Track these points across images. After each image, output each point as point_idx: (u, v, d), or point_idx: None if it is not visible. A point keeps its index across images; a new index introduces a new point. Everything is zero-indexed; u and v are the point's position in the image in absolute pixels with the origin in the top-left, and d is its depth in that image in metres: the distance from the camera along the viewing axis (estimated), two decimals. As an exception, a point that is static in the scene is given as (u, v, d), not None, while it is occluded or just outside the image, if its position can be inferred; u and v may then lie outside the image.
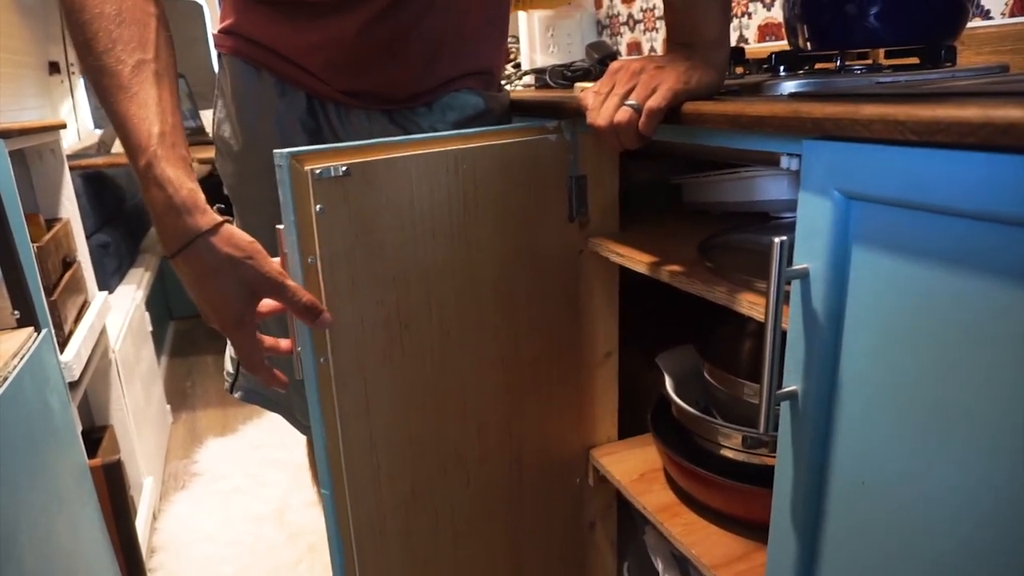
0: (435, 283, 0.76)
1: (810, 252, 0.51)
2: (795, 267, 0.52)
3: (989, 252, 0.40)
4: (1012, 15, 0.82)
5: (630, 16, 1.58)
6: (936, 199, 0.42)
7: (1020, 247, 0.38)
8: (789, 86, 0.64)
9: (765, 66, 0.78)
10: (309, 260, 0.66)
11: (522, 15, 1.63)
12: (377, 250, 0.71)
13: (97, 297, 1.44)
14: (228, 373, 0.97)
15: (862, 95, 0.53)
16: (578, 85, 0.96)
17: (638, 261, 0.78)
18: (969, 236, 0.41)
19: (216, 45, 0.83)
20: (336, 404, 0.71)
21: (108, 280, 1.78)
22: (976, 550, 0.44)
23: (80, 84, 3.00)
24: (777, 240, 0.50)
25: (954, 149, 0.40)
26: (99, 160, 1.94)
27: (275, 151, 0.63)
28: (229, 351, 0.96)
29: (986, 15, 0.85)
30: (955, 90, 0.48)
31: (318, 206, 0.65)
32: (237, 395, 0.97)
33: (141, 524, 1.39)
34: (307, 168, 0.64)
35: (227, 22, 0.81)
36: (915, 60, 0.75)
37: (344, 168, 0.66)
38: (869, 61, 0.81)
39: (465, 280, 0.78)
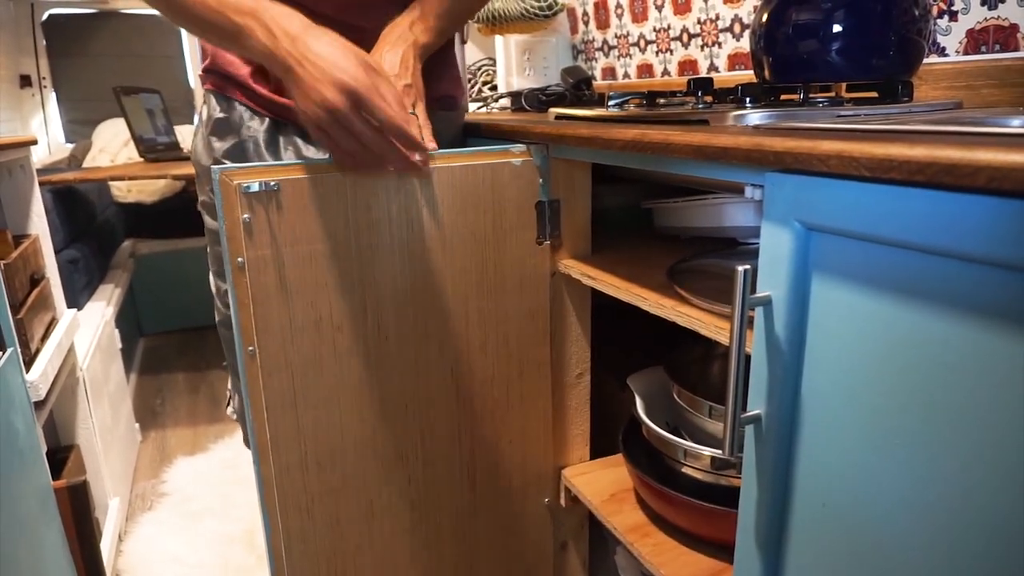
0: (371, 293, 0.81)
1: (772, 280, 0.53)
2: (758, 295, 0.54)
3: (937, 284, 0.42)
4: (966, 53, 0.86)
5: (604, 42, 1.61)
6: (888, 232, 0.44)
7: (963, 280, 0.40)
8: (754, 118, 0.66)
9: (731, 96, 0.80)
10: (239, 261, 0.74)
11: (499, 39, 1.66)
12: (307, 258, 0.77)
13: (65, 315, 1.42)
14: (230, 390, 1.03)
15: (822, 129, 0.55)
16: (552, 110, 0.98)
17: (609, 284, 0.80)
18: (918, 268, 0.43)
19: (202, 83, 0.92)
20: (263, 392, 0.79)
21: (77, 296, 1.75)
22: (935, 571, 0.46)
23: (52, 97, 2.97)
24: (741, 268, 0.52)
25: (904, 186, 0.42)
26: (70, 175, 1.92)
27: (212, 167, 0.72)
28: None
29: (942, 52, 0.89)
30: (909, 128, 0.51)
31: (245, 215, 0.73)
32: (234, 416, 1.02)
33: (106, 546, 1.36)
34: (235, 182, 0.73)
35: (207, 63, 0.90)
36: (875, 94, 0.78)
37: (274, 183, 0.74)
38: (832, 94, 0.84)
39: (406, 293, 0.83)
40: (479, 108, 1.68)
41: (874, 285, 0.46)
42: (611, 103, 0.93)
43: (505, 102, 1.57)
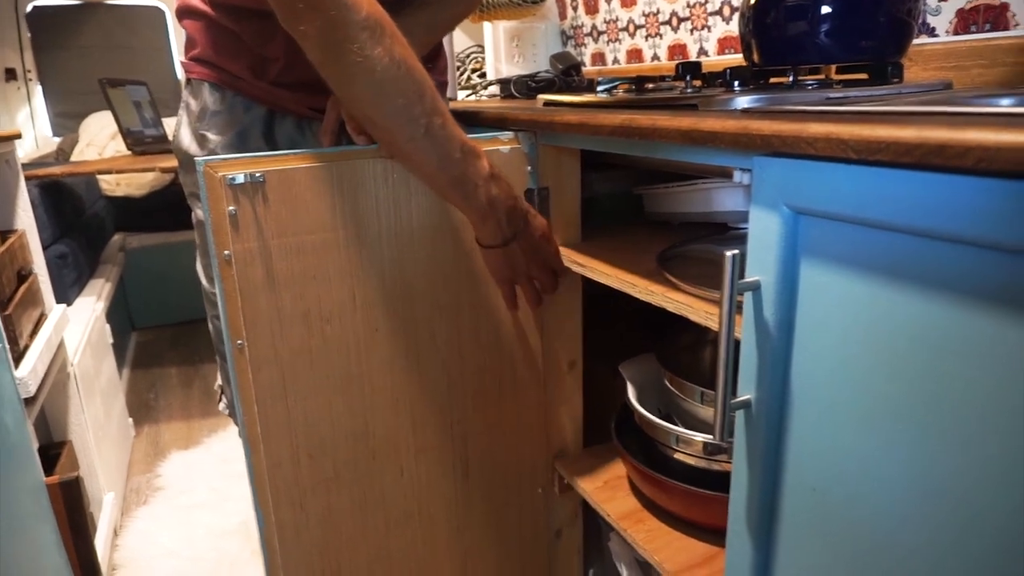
0: (360, 283, 0.80)
1: (761, 265, 0.53)
2: (747, 279, 0.53)
3: (926, 266, 0.42)
4: (956, 33, 0.86)
5: (594, 27, 1.60)
6: (876, 215, 0.43)
7: (952, 262, 0.40)
8: (743, 101, 0.65)
9: (720, 80, 0.79)
10: (225, 253, 0.73)
11: (487, 25, 1.64)
12: (295, 249, 0.76)
13: (55, 310, 1.41)
14: (219, 385, 1.02)
15: (810, 112, 0.54)
16: (541, 96, 0.97)
17: (599, 271, 0.79)
18: (907, 250, 0.43)
19: (186, 71, 0.89)
20: (252, 385, 0.78)
21: (67, 292, 1.73)
22: (924, 554, 0.46)
23: (38, 91, 2.93)
24: (729, 253, 0.52)
25: (892, 168, 0.42)
26: (57, 169, 1.90)
27: (197, 159, 0.71)
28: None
29: (932, 33, 0.88)
30: (898, 109, 0.50)
31: (231, 207, 0.72)
32: (226, 411, 1.01)
33: (101, 541, 1.36)
34: (220, 174, 0.71)
35: (195, 51, 0.87)
36: (865, 76, 0.78)
37: (260, 175, 0.73)
38: (821, 76, 0.83)
39: (395, 283, 0.82)
40: (468, 95, 1.67)
41: (863, 268, 0.46)
42: (600, 89, 0.92)
43: (494, 89, 1.56)
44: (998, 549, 0.41)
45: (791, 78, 0.77)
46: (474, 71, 1.78)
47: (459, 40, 1.85)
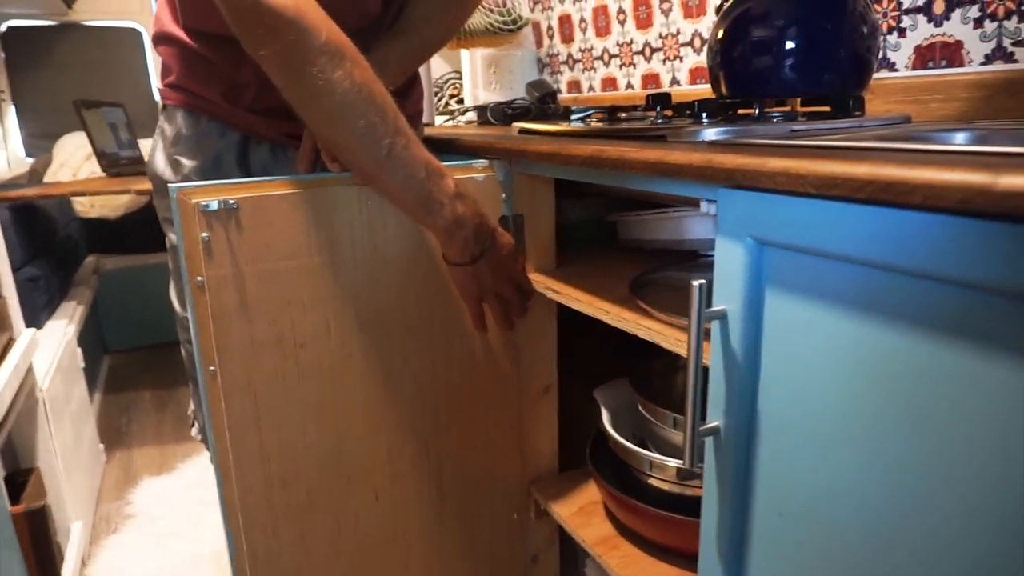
0: (334, 309, 0.81)
1: (727, 294, 0.54)
2: (714, 308, 0.55)
3: (882, 297, 0.43)
4: (915, 68, 0.89)
5: (569, 55, 1.63)
6: (835, 247, 0.45)
7: (905, 293, 0.42)
8: (710, 133, 0.67)
9: (689, 111, 0.81)
10: (198, 279, 0.73)
11: (464, 52, 1.67)
12: (269, 276, 0.77)
13: (24, 334, 1.39)
14: (192, 411, 1.01)
15: (773, 146, 0.56)
16: (516, 124, 0.98)
17: (573, 298, 0.80)
18: (866, 281, 0.44)
19: (162, 98, 0.90)
20: (224, 412, 0.77)
21: (37, 315, 1.71)
22: (883, 576, 0.47)
23: (10, 111, 2.90)
24: (696, 283, 0.53)
25: (848, 202, 0.43)
26: (29, 191, 1.87)
27: (170, 185, 0.72)
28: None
29: (892, 67, 0.91)
30: (857, 144, 0.52)
31: (204, 234, 0.73)
32: (199, 437, 1.00)
33: (69, 571, 1.33)
34: (193, 201, 0.72)
35: (170, 78, 0.88)
36: (828, 109, 0.80)
37: (233, 202, 0.73)
38: (787, 108, 0.86)
39: (369, 308, 0.83)
40: (446, 121, 1.69)
41: (825, 298, 0.47)
42: (574, 117, 0.94)
43: (471, 115, 1.57)
44: (961, 573, 0.42)
45: (757, 110, 0.79)
46: (452, 97, 1.80)
47: (437, 66, 1.87)
